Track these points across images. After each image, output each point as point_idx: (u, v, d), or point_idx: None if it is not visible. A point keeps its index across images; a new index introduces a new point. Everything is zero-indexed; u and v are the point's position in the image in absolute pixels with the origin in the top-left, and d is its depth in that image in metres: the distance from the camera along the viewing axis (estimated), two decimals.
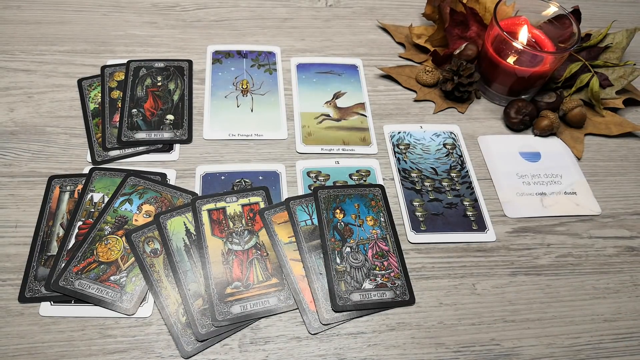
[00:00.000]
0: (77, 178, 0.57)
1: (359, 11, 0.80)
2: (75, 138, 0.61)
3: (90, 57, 0.69)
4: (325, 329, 0.50)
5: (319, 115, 0.66)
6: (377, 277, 0.53)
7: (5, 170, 0.58)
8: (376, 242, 0.55)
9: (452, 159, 0.63)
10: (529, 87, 0.67)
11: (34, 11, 0.74)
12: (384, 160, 0.63)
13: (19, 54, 0.68)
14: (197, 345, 0.47)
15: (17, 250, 0.52)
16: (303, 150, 0.63)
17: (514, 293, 0.54)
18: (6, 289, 0.50)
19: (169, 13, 0.76)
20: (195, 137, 0.63)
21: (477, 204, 0.60)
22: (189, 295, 0.50)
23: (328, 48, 0.74)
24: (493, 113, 0.69)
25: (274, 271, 0.52)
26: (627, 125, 0.68)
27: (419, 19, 0.79)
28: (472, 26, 0.72)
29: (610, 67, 0.70)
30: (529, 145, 0.66)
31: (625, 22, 0.81)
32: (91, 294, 0.49)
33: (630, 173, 0.65)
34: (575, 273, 0.56)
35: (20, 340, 0.47)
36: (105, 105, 0.64)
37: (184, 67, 0.69)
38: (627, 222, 0.60)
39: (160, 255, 0.52)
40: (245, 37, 0.74)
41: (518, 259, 0.56)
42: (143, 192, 0.56)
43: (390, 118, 0.67)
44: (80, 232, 0.53)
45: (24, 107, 0.63)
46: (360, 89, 0.70)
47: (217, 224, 0.54)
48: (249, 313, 0.49)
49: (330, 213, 0.56)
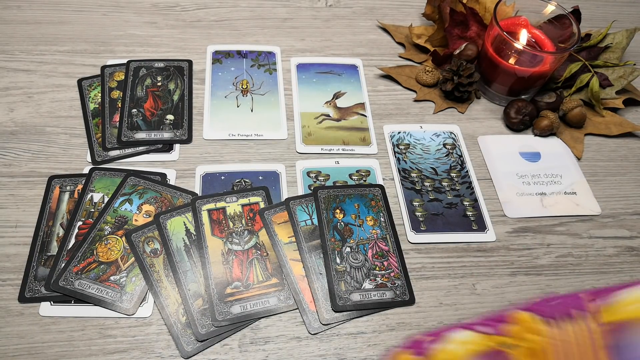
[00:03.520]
0: (77, 178, 0.57)
1: (359, 11, 0.80)
2: (75, 138, 0.61)
3: (90, 57, 0.69)
4: (325, 329, 0.50)
5: (319, 115, 0.66)
6: (377, 277, 0.52)
7: (5, 170, 0.58)
8: (376, 242, 0.55)
9: (452, 159, 0.63)
10: (529, 87, 0.67)
11: (34, 11, 0.74)
12: (384, 160, 0.63)
13: (19, 54, 0.68)
14: (197, 345, 0.47)
15: (17, 250, 0.52)
16: (303, 150, 0.63)
17: (514, 293, 0.54)
18: (6, 289, 0.50)
19: (169, 13, 0.76)
20: (195, 137, 0.63)
21: (477, 204, 0.60)
22: (189, 295, 0.50)
23: (328, 48, 0.74)
24: (493, 113, 0.69)
25: (274, 271, 0.52)
26: (627, 125, 0.68)
27: (419, 19, 0.79)
28: (472, 26, 0.71)
29: (610, 67, 0.70)
30: (529, 145, 0.66)
31: (625, 22, 0.81)
32: (91, 294, 0.49)
33: (630, 173, 0.65)
34: (575, 273, 0.56)
35: (20, 340, 0.47)
36: (105, 105, 0.64)
37: (184, 67, 0.69)
38: (627, 222, 0.60)
39: (160, 255, 0.52)
40: (245, 37, 0.74)
41: (518, 259, 0.56)
42: (143, 192, 0.56)
43: (390, 118, 0.67)
44: (80, 232, 0.53)
45: (24, 107, 0.63)
46: (360, 89, 0.70)
47: (217, 224, 0.54)
48: (249, 313, 0.49)
49: (330, 213, 0.56)
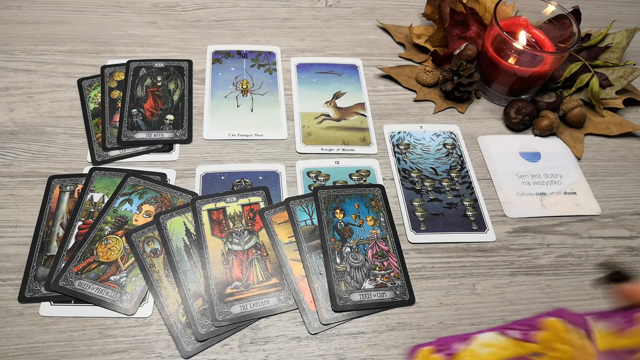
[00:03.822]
0: (77, 178, 0.57)
1: (359, 11, 0.80)
2: (75, 138, 0.61)
3: (90, 57, 0.69)
4: (325, 329, 0.50)
5: (319, 115, 0.66)
6: (377, 277, 0.52)
7: (5, 170, 0.58)
8: (376, 242, 0.55)
9: (452, 159, 0.63)
10: (529, 87, 0.67)
11: (34, 11, 0.74)
12: (384, 160, 0.63)
13: (19, 54, 0.68)
14: (197, 345, 0.47)
15: (17, 250, 0.52)
16: (303, 150, 0.63)
17: (514, 293, 0.54)
18: (6, 289, 0.50)
19: (169, 13, 0.76)
20: (195, 137, 0.63)
21: (477, 204, 0.60)
22: (189, 295, 0.50)
23: (328, 48, 0.74)
24: (493, 113, 0.69)
25: (274, 271, 0.52)
26: (627, 125, 0.68)
27: (419, 19, 0.79)
28: (472, 26, 0.71)
29: (610, 67, 0.70)
30: (529, 145, 0.66)
31: (625, 22, 0.81)
32: (91, 294, 0.49)
33: (630, 173, 0.65)
34: (575, 273, 0.56)
35: (20, 340, 0.47)
36: (105, 105, 0.64)
37: (184, 67, 0.69)
38: (627, 222, 0.60)
39: (160, 255, 0.52)
40: (245, 37, 0.74)
41: (518, 259, 0.56)
42: (143, 192, 0.56)
43: (390, 118, 0.67)
44: (80, 232, 0.53)
45: (24, 107, 0.63)
46: (360, 89, 0.70)
47: (217, 224, 0.54)
48: (249, 313, 0.49)
49: (330, 213, 0.56)
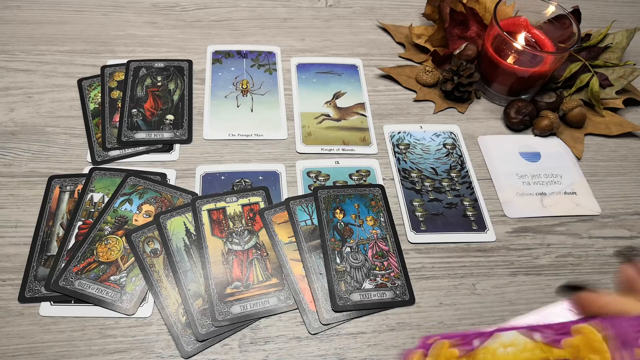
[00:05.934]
0: (77, 178, 0.57)
1: (359, 11, 0.80)
2: (75, 138, 0.61)
3: (90, 57, 0.69)
4: (325, 329, 0.50)
5: (319, 115, 0.66)
6: (377, 277, 0.52)
7: (5, 170, 0.58)
8: (376, 242, 0.55)
9: (452, 159, 0.63)
10: (529, 87, 0.67)
11: (34, 11, 0.74)
12: (384, 160, 0.63)
13: (19, 54, 0.68)
14: (197, 345, 0.47)
15: (17, 250, 0.52)
16: (303, 150, 0.63)
17: (514, 293, 0.54)
18: (6, 289, 0.50)
19: (169, 13, 0.76)
20: (195, 137, 0.63)
21: (477, 204, 0.60)
22: (189, 295, 0.50)
23: (328, 48, 0.74)
24: (493, 113, 0.69)
25: (274, 271, 0.52)
26: (627, 125, 0.68)
27: (419, 19, 0.79)
28: (472, 26, 0.71)
29: (610, 67, 0.70)
30: (529, 145, 0.66)
31: (625, 22, 0.81)
32: (91, 294, 0.49)
33: (630, 173, 0.65)
34: (575, 273, 0.56)
35: (20, 340, 0.47)
36: (105, 105, 0.64)
37: (184, 67, 0.69)
38: (627, 222, 0.60)
39: (160, 255, 0.52)
40: (245, 37, 0.74)
41: (518, 259, 0.56)
42: (143, 192, 0.56)
43: (390, 118, 0.67)
44: (80, 232, 0.53)
45: (24, 107, 0.63)
46: (360, 89, 0.70)
47: (217, 224, 0.54)
48: (249, 313, 0.49)
49: (330, 213, 0.56)
